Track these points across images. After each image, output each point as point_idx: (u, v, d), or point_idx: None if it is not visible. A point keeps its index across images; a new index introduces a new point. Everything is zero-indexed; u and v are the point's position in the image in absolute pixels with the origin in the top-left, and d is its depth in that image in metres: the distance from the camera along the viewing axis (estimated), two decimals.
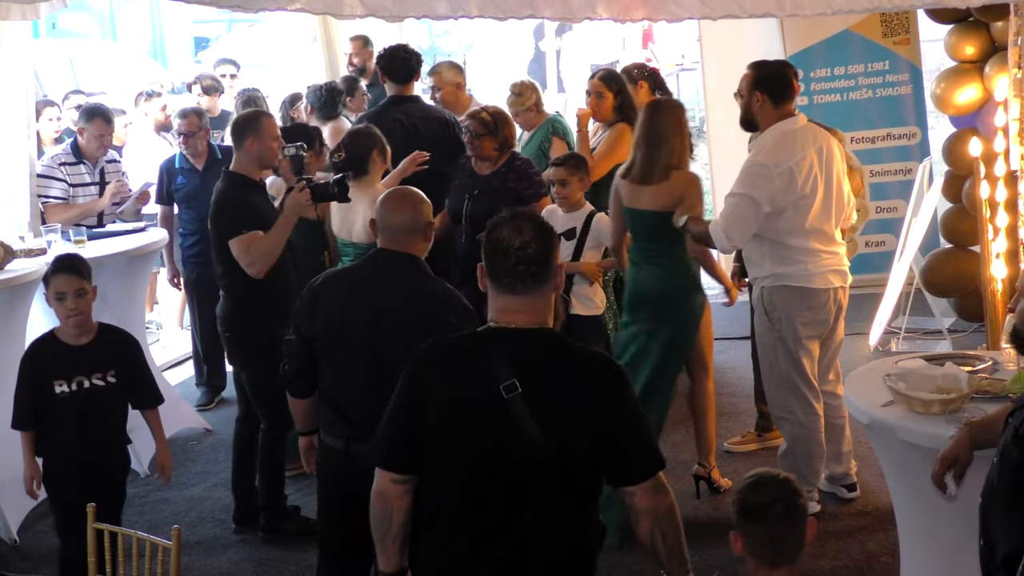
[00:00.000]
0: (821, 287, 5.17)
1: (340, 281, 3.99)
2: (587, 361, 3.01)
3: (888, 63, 8.75)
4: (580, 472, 2.94)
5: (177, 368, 8.32)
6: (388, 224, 3.94)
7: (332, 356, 3.90)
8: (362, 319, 3.84)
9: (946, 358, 4.29)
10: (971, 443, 3.36)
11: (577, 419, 2.91)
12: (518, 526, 2.94)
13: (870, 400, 4.01)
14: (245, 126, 5.32)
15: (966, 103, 7.35)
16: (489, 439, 2.90)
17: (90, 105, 7.64)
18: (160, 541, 3.65)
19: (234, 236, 5.13)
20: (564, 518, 2.97)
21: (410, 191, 4.12)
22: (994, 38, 7.12)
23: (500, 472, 2.91)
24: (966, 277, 7.39)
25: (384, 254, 3.95)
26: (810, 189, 5.07)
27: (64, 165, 7.06)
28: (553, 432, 2.88)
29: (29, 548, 5.56)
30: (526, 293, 2.95)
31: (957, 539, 3.72)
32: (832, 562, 5.03)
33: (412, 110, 6.64)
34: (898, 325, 7.83)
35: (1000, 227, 6.18)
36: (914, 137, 8.82)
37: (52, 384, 4.44)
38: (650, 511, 2.98)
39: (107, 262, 6.39)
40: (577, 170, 5.93)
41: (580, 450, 2.92)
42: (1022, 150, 6.07)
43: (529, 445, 2.87)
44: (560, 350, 3.01)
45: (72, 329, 4.48)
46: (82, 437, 4.46)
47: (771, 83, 5.12)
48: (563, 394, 2.91)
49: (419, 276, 3.92)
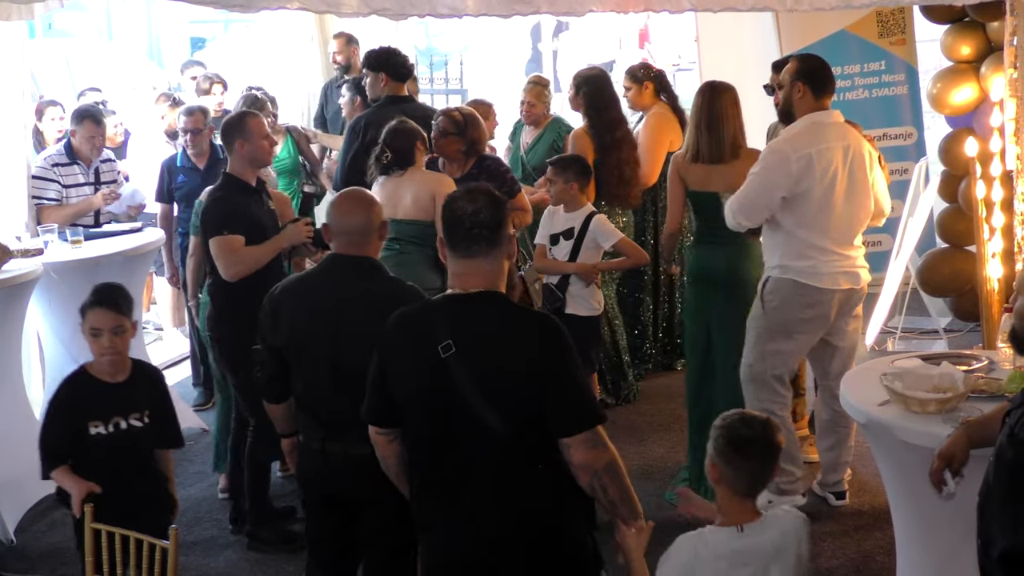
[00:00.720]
0: (828, 287, 5.14)
1: (299, 288, 3.99)
2: (523, 319, 3.22)
3: (884, 63, 8.76)
4: (521, 429, 3.08)
5: (174, 368, 8.31)
6: (342, 228, 3.94)
7: (299, 362, 3.92)
8: (323, 324, 3.85)
9: (942, 357, 4.29)
10: (968, 442, 3.36)
11: (512, 376, 3.09)
12: (470, 484, 3.15)
13: (866, 399, 4.02)
14: (232, 129, 5.32)
15: (962, 103, 7.36)
16: (435, 399, 3.13)
17: (80, 107, 7.64)
18: (157, 541, 3.66)
19: (214, 236, 5.14)
20: (513, 477, 3.12)
21: (361, 193, 4.14)
22: (990, 38, 7.14)
23: (449, 430, 3.13)
24: (962, 277, 7.40)
25: (340, 259, 3.96)
26: (828, 183, 5.05)
27: (57, 166, 7.05)
28: (490, 390, 3.07)
29: (26, 548, 5.56)
30: (480, 256, 3.18)
31: (953, 538, 3.73)
32: (829, 561, 5.04)
33: (409, 109, 6.65)
34: (894, 325, 7.84)
35: (996, 227, 6.19)
36: (910, 137, 8.83)
37: (87, 426, 4.05)
38: (587, 465, 3.11)
39: (104, 262, 6.40)
40: (565, 171, 5.95)
41: (517, 407, 3.08)
42: (1018, 150, 6.08)
43: (468, 404, 3.05)
44: (498, 310, 3.19)
45: (107, 367, 4.13)
46: (118, 484, 4.01)
47: (814, 75, 5.16)
48: (498, 352, 3.11)
49: (376, 277, 3.95)
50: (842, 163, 5.09)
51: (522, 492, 3.14)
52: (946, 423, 3.63)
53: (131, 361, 4.22)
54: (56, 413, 4.14)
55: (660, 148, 7.17)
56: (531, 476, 3.14)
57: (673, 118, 7.31)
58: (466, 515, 3.17)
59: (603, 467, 3.12)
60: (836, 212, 5.10)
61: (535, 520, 3.16)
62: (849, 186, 5.11)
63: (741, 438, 3.19)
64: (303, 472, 4.03)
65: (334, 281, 3.91)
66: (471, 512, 3.16)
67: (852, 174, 5.11)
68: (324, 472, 3.89)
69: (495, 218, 3.19)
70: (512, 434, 3.08)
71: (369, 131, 6.47)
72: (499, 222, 3.21)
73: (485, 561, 3.18)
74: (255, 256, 5.17)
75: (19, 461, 5.76)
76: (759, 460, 3.19)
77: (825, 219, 5.10)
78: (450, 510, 3.19)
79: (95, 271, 6.38)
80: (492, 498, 3.14)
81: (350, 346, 3.79)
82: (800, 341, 5.26)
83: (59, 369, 6.52)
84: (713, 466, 3.21)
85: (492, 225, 3.18)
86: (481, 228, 3.17)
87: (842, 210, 5.11)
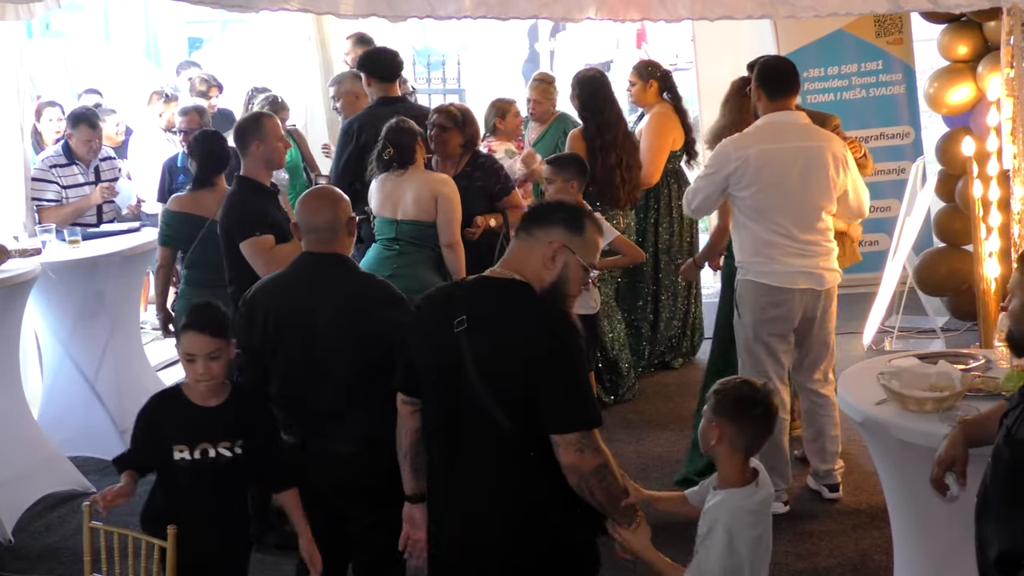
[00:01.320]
0: (786, 286, 5.20)
1: (271, 289, 4.01)
2: (540, 311, 3.18)
3: (881, 63, 8.77)
4: (519, 417, 3.09)
5: (172, 368, 8.31)
6: (311, 226, 3.96)
7: (275, 362, 3.93)
8: (297, 323, 3.88)
9: (939, 356, 4.29)
10: (965, 441, 3.36)
11: (513, 363, 3.10)
12: (465, 465, 3.21)
13: (864, 398, 4.02)
14: (248, 130, 5.26)
15: (959, 102, 7.37)
16: (444, 374, 3.17)
17: (75, 111, 7.63)
18: (156, 540, 3.66)
19: (245, 238, 5.05)
20: (509, 465, 3.15)
21: (328, 190, 4.17)
22: (987, 38, 7.14)
23: (456, 408, 3.18)
24: (959, 276, 7.41)
25: (311, 256, 3.98)
26: (774, 181, 5.12)
27: (56, 167, 7.06)
28: (491, 372, 3.10)
29: (24, 548, 5.55)
30: (520, 242, 3.23)
31: (951, 537, 3.73)
32: (826, 560, 5.04)
33: (401, 110, 6.65)
34: (892, 324, 7.85)
35: (993, 226, 6.18)
36: (907, 137, 8.84)
37: (171, 449, 3.74)
38: (574, 467, 3.11)
39: (102, 262, 6.41)
40: (564, 170, 5.95)
41: (515, 393, 3.09)
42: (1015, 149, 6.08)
43: (471, 382, 3.10)
44: (515, 298, 3.18)
45: (202, 390, 3.82)
46: (199, 513, 3.77)
47: (767, 77, 5.26)
48: (505, 337, 3.13)
49: (348, 273, 3.98)
50: (792, 163, 5.14)
51: (516, 481, 3.16)
52: (943, 422, 3.63)
53: (230, 385, 3.88)
54: (140, 428, 3.87)
55: (662, 148, 7.19)
56: (527, 466, 3.15)
57: (675, 118, 7.33)
58: (457, 496, 3.21)
59: (591, 471, 3.11)
60: (786, 210, 5.16)
61: (525, 509, 3.17)
62: (802, 186, 5.15)
63: (746, 397, 3.33)
64: None
65: (306, 279, 3.94)
66: (462, 493, 3.20)
67: (806, 174, 5.15)
68: (305, 466, 3.90)
69: (539, 215, 3.27)
70: (511, 420, 3.10)
71: (363, 133, 6.46)
72: (543, 219, 3.24)
73: (469, 543, 3.22)
74: (288, 255, 5.11)
75: (17, 461, 5.78)
76: (763, 419, 3.34)
77: (774, 216, 5.16)
78: (445, 490, 3.24)
79: (93, 271, 6.40)
80: (483, 482, 3.17)
81: (324, 342, 3.83)
82: (767, 342, 5.30)
83: (56, 369, 6.53)
84: (714, 427, 3.30)
85: (535, 220, 3.25)
86: (528, 221, 3.27)
87: (792, 209, 5.17)
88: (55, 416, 6.43)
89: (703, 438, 3.36)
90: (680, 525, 3.54)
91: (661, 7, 4.89)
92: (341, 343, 3.80)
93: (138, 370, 6.81)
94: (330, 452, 3.82)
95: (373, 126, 6.18)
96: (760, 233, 5.19)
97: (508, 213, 6.20)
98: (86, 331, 6.43)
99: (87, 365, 6.44)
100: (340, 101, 7.10)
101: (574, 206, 3.39)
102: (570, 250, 3.19)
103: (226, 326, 3.82)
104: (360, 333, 3.82)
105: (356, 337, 3.82)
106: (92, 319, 6.42)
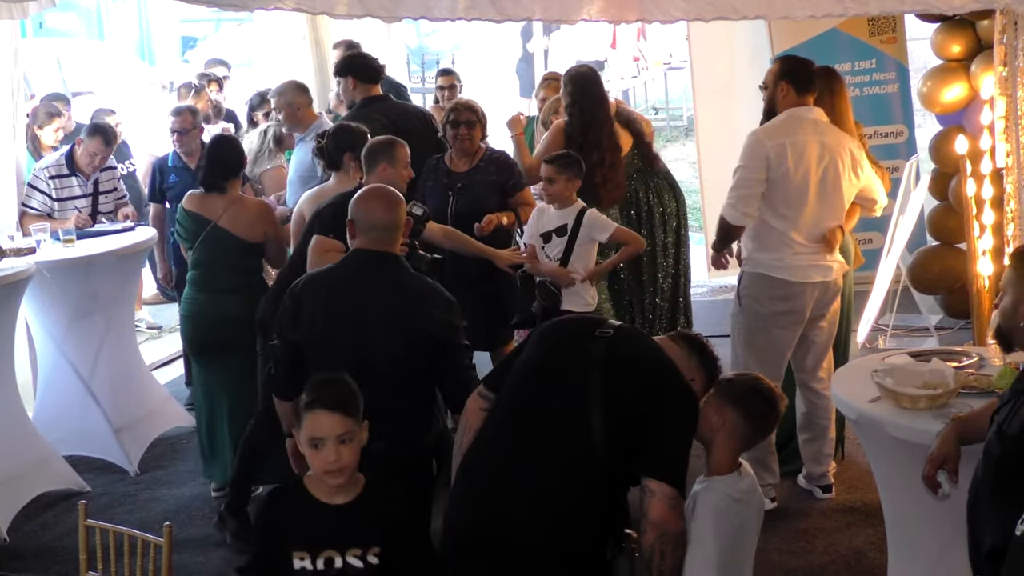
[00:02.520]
0: (798, 280, 5.21)
1: (321, 284, 3.99)
2: (674, 365, 3.33)
3: (875, 61, 8.78)
4: (609, 440, 3.15)
5: (166, 367, 8.32)
6: (372, 223, 3.94)
7: (319, 358, 3.89)
8: (346, 320, 3.85)
9: (933, 354, 4.31)
10: (957, 439, 3.38)
11: (639, 386, 3.22)
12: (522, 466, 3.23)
13: (858, 396, 4.03)
14: (380, 152, 5.25)
15: (952, 101, 7.38)
16: (560, 375, 3.30)
17: (95, 123, 7.59)
18: (152, 538, 3.67)
19: (323, 233, 4.92)
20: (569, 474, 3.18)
21: (390, 190, 4.13)
22: (980, 36, 7.15)
23: (542, 410, 3.27)
24: (953, 274, 7.42)
25: (364, 254, 3.96)
26: (802, 174, 5.13)
27: (54, 178, 7.01)
28: (613, 381, 3.22)
29: (20, 547, 5.55)
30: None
31: (944, 534, 3.74)
32: (821, 558, 5.05)
33: (387, 108, 6.68)
34: (885, 322, 7.86)
35: (986, 224, 6.19)
36: (901, 135, 8.86)
37: (290, 556, 3.14)
38: (660, 523, 3.11)
39: (96, 261, 6.40)
40: (567, 169, 5.93)
41: (626, 415, 3.19)
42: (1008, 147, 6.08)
43: (585, 389, 3.21)
44: (663, 352, 3.38)
45: (329, 484, 3.21)
46: None
47: (795, 73, 5.32)
48: (643, 364, 3.29)
49: (400, 274, 3.95)
50: (816, 159, 5.17)
51: (574, 488, 3.15)
52: (936, 419, 3.64)
53: (363, 478, 3.24)
54: (258, 529, 3.37)
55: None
56: (590, 480, 3.15)
57: None
58: (507, 493, 3.18)
59: (674, 533, 3.13)
60: (807, 206, 5.17)
61: (570, 517, 3.15)
62: (821, 183, 5.18)
63: (759, 392, 3.41)
64: None
65: (358, 276, 3.91)
66: (514, 491, 3.17)
67: (825, 172, 5.19)
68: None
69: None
70: (606, 440, 3.12)
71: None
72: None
73: (503, 539, 3.18)
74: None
75: (11, 461, 5.78)
76: (768, 419, 3.42)
77: (796, 211, 5.17)
78: (492, 484, 3.21)
79: (88, 270, 6.39)
80: (539, 483, 3.15)
81: (373, 341, 3.80)
82: (777, 336, 5.30)
83: (51, 368, 6.53)
84: (719, 412, 3.35)
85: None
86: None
87: (813, 205, 5.18)
88: (50, 415, 6.42)
89: (703, 423, 3.36)
90: None
91: (656, 8, 4.90)
92: (390, 343, 3.76)
93: (133, 369, 6.80)
94: (366, 451, 3.80)
95: (365, 124, 6.20)
96: (775, 224, 5.19)
97: (520, 211, 6.20)
98: (81, 330, 6.43)
99: (82, 364, 6.44)
100: (281, 113, 7.05)
101: (719, 374, 3.49)
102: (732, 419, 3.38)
103: (359, 403, 3.24)
104: (411, 335, 3.79)
105: (406, 338, 3.79)
106: (87, 318, 6.41)
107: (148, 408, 6.74)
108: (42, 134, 8.07)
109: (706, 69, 9.29)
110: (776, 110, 5.33)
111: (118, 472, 6.36)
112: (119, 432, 6.41)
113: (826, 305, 5.33)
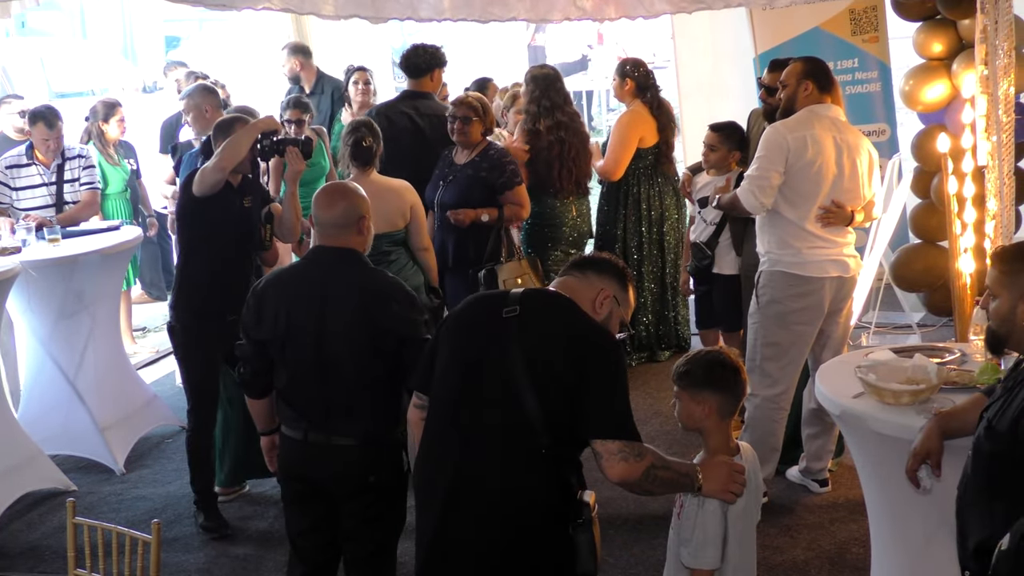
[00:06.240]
0: (816, 275, 5.26)
1: (283, 282, 4.00)
2: (585, 317, 3.32)
3: (857, 60, 8.81)
4: (546, 411, 3.17)
5: (152, 366, 8.31)
6: (326, 220, 3.97)
7: (284, 356, 3.92)
8: (308, 317, 3.87)
9: (915, 350, 4.34)
10: (940, 433, 3.41)
11: (558, 353, 3.22)
12: (468, 463, 3.26)
13: (841, 391, 4.06)
14: (226, 129, 5.33)
15: (934, 100, 7.43)
16: (481, 366, 3.32)
17: (34, 109, 7.47)
18: (139, 535, 3.66)
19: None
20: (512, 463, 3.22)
21: (343, 186, 4.16)
22: (961, 36, 7.21)
23: (477, 404, 3.30)
24: (935, 272, 7.46)
25: (323, 251, 3.98)
26: (819, 167, 5.19)
27: (11, 167, 7.04)
28: (533, 358, 3.22)
29: (5, 546, 5.55)
30: (573, 279, 3.45)
31: (927, 529, 3.77)
32: (804, 553, 5.08)
33: (423, 107, 6.72)
34: (868, 320, 7.90)
35: (968, 222, 6.23)
36: (883, 134, 8.89)
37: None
38: (623, 480, 3.17)
39: (82, 260, 6.40)
40: (728, 140, 6.22)
41: (553, 386, 3.20)
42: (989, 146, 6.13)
43: (507, 372, 3.24)
44: (567, 304, 3.34)
45: None
46: None
47: (819, 73, 5.40)
48: (553, 327, 3.29)
49: (360, 269, 3.97)
50: (834, 153, 5.23)
51: (523, 477, 3.18)
52: (919, 414, 3.67)
53: None
54: None
55: (626, 144, 7.31)
56: (536, 464, 3.17)
57: (648, 118, 7.40)
58: (461, 492, 3.21)
59: (641, 476, 3.17)
60: (822, 197, 5.23)
61: (523, 505, 3.19)
62: (838, 177, 5.24)
63: (719, 363, 3.46)
64: (285, 465, 4.02)
65: (319, 273, 3.93)
66: (466, 490, 3.20)
67: (842, 167, 5.25)
68: (306, 462, 3.91)
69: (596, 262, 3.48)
70: (543, 412, 3.14)
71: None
72: (599, 265, 3.45)
73: (464, 540, 3.23)
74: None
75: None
76: (738, 381, 3.48)
77: (812, 203, 5.23)
78: (446, 487, 3.23)
79: (73, 269, 6.38)
80: (489, 478, 3.18)
81: (336, 337, 3.82)
82: (797, 332, 5.33)
83: (37, 367, 6.52)
84: (700, 403, 3.42)
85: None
86: (584, 265, 3.48)
87: (829, 196, 5.24)
88: (35, 414, 6.42)
89: (688, 418, 3.43)
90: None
91: (639, 3, 4.92)
92: (353, 339, 3.78)
93: (118, 368, 6.79)
94: (333, 445, 3.82)
95: (390, 116, 6.42)
96: (790, 216, 5.24)
97: (506, 209, 6.26)
98: (66, 330, 6.42)
99: (67, 364, 6.43)
100: (190, 115, 7.00)
101: (623, 266, 3.50)
102: (616, 301, 3.37)
103: None
104: (373, 329, 3.81)
105: (369, 333, 3.81)
106: (72, 318, 6.40)
107: (134, 407, 6.74)
108: (107, 128, 8.19)
109: (690, 67, 9.32)
110: (795, 108, 5.37)
111: (104, 471, 6.35)
112: (105, 431, 6.41)
113: (843, 300, 5.40)
